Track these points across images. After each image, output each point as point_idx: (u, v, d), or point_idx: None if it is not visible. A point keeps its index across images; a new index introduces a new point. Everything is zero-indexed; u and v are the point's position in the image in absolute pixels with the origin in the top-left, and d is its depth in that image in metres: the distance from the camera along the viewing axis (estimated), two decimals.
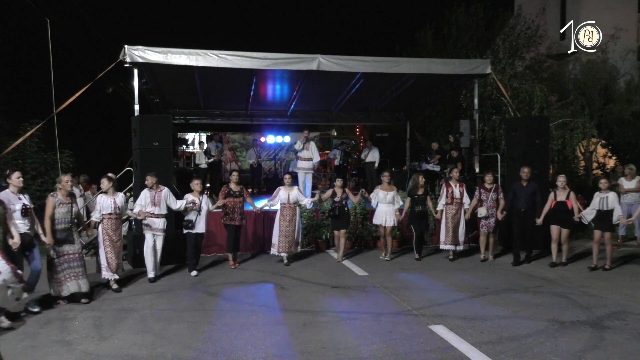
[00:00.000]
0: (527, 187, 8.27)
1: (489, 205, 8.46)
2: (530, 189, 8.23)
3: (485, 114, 14.00)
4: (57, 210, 5.97)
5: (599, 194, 7.71)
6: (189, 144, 16.72)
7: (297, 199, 8.37)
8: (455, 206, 8.54)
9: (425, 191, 8.78)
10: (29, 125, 10.47)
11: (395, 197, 8.62)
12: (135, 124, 8.80)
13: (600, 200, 7.65)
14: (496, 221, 8.51)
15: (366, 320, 5.29)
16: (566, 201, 7.93)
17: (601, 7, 18.76)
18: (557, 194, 8.06)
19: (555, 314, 5.42)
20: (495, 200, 8.47)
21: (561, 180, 8.09)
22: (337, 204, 8.44)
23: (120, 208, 6.82)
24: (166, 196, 7.38)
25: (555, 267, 7.94)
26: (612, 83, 16.61)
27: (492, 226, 8.52)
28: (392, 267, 8.12)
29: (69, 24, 17.98)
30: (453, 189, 8.57)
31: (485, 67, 10.74)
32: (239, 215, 8.15)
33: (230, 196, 8.10)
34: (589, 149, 16.36)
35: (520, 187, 8.34)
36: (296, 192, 8.41)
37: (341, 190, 8.56)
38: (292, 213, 8.30)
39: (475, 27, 18.09)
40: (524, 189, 8.28)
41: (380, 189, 8.71)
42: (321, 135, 18.82)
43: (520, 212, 8.28)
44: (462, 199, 8.55)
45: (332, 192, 8.58)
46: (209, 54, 9.21)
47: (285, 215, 8.28)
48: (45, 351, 4.49)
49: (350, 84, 11.65)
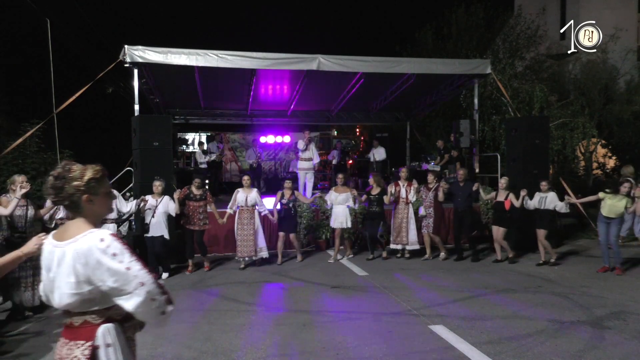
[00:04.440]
0: (464, 187, 8.48)
1: (426, 205, 8.60)
2: (468, 190, 8.45)
3: (485, 114, 13.99)
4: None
5: (539, 193, 8.06)
6: (189, 144, 16.70)
7: (256, 202, 8.11)
8: (403, 206, 8.57)
9: (382, 190, 8.65)
10: (29, 125, 10.44)
11: (348, 198, 8.49)
12: (135, 124, 8.80)
13: (540, 199, 8.01)
14: (435, 221, 8.67)
15: (366, 320, 5.29)
16: (504, 201, 8.19)
17: (601, 7, 18.77)
18: (497, 194, 8.34)
19: (555, 314, 5.42)
20: (432, 200, 8.62)
21: (502, 182, 8.38)
22: (284, 205, 8.27)
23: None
24: (115, 199, 7.01)
25: (512, 264, 8.12)
26: (612, 83, 16.60)
27: (431, 226, 8.61)
28: (392, 267, 8.12)
29: (69, 24, 17.98)
30: (401, 188, 8.58)
31: (485, 67, 10.75)
32: (200, 220, 7.80)
33: (190, 199, 7.78)
34: (589, 149, 16.35)
35: (458, 187, 8.56)
36: (255, 195, 8.10)
37: (290, 191, 8.36)
38: (250, 216, 8.03)
39: (475, 27, 18.10)
40: (461, 189, 8.50)
41: (334, 191, 8.58)
42: (321, 135, 18.80)
43: (457, 211, 8.54)
44: (408, 198, 8.56)
45: (281, 194, 8.38)
46: (209, 54, 9.22)
47: (243, 219, 8.02)
48: (45, 351, 4.50)
49: (350, 84, 11.66)
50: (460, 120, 11.27)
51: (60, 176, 1.96)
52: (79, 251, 1.88)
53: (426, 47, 18.71)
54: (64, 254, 1.91)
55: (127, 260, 1.89)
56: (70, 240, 1.92)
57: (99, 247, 1.88)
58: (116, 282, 1.87)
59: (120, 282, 1.87)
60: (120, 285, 1.87)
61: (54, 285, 1.94)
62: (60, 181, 1.95)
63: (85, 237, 1.91)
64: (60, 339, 1.98)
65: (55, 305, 1.95)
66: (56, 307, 1.96)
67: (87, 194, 1.98)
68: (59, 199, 1.98)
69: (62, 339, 1.97)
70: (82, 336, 1.92)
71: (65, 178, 1.96)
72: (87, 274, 1.88)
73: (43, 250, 2.03)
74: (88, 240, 1.90)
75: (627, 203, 7.22)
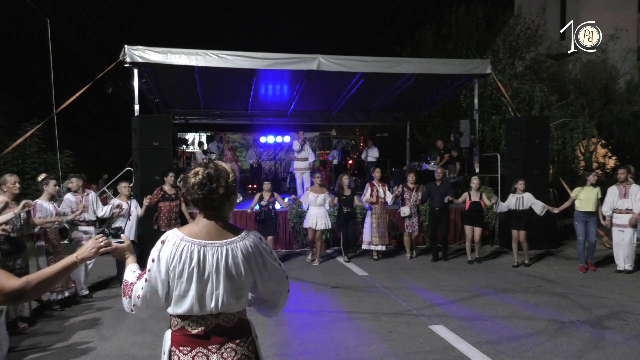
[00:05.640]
0: (440, 187, 8.52)
1: (411, 205, 8.60)
2: (444, 189, 8.47)
3: (485, 114, 14.00)
4: None
5: (514, 194, 8.01)
6: (189, 144, 16.71)
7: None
8: (380, 206, 8.53)
9: (353, 191, 8.62)
10: (29, 125, 10.46)
11: (326, 199, 8.41)
12: (135, 124, 8.80)
13: (516, 200, 7.96)
14: (419, 220, 8.73)
15: (366, 320, 5.28)
16: (480, 201, 8.23)
17: (601, 7, 18.76)
18: (471, 195, 8.34)
19: (555, 314, 5.41)
20: (416, 200, 8.66)
21: (474, 182, 8.43)
22: (264, 207, 8.12)
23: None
24: (93, 201, 6.66)
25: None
26: (612, 83, 16.61)
27: (416, 226, 8.65)
28: (392, 267, 8.12)
29: (69, 24, 17.99)
30: (377, 189, 8.54)
31: (485, 67, 10.74)
32: (175, 221, 7.40)
33: (165, 200, 7.36)
34: (589, 149, 16.35)
35: (435, 187, 8.57)
36: None
37: (269, 193, 8.23)
38: None
39: (475, 27, 18.10)
40: (438, 188, 8.51)
41: (311, 191, 8.45)
42: (321, 135, 18.81)
43: (434, 211, 8.56)
44: (386, 198, 8.55)
45: (259, 196, 8.22)
46: (209, 54, 9.21)
47: None
48: (45, 351, 4.50)
49: (350, 84, 11.65)
50: (460, 120, 11.27)
51: (213, 176, 1.89)
52: (246, 249, 1.92)
53: (426, 47, 18.71)
54: (226, 252, 1.89)
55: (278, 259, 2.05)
56: (234, 239, 1.92)
57: (261, 245, 1.98)
58: (274, 278, 2.01)
59: (276, 278, 2.02)
60: (278, 281, 2.03)
61: (211, 288, 1.87)
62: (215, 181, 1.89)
63: (249, 236, 1.96)
64: (185, 349, 1.87)
65: (210, 309, 1.87)
66: (209, 311, 1.87)
67: (234, 194, 2.00)
68: (207, 200, 1.91)
69: (201, 348, 1.88)
70: (240, 334, 1.95)
71: (219, 178, 1.90)
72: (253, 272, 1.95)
73: (180, 252, 1.86)
74: (253, 239, 1.96)
75: (598, 192, 7.49)
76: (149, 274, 1.87)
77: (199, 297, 1.85)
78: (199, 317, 1.88)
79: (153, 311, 1.92)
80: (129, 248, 2.08)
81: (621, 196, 7.31)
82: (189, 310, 1.86)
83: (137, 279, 1.91)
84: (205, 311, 1.86)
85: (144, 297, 1.87)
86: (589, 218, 7.52)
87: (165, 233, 1.93)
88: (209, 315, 1.88)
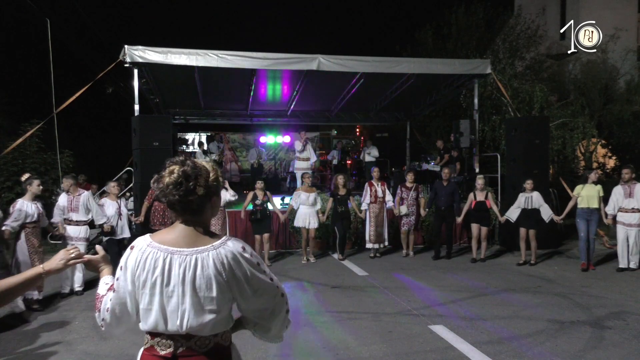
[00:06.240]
0: (447, 187, 8.66)
1: (409, 204, 8.74)
2: (450, 189, 8.62)
3: (485, 114, 13.98)
4: None
5: (523, 193, 8.11)
6: (189, 144, 16.70)
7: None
8: (379, 205, 8.65)
9: (348, 191, 8.70)
10: (29, 125, 10.44)
11: (316, 199, 8.48)
12: (135, 124, 8.80)
13: (525, 199, 8.07)
14: (416, 219, 8.88)
15: (366, 320, 5.28)
16: (485, 201, 8.36)
17: (601, 7, 18.75)
18: (476, 195, 8.45)
19: (555, 314, 5.42)
20: (415, 199, 8.80)
21: (479, 182, 8.52)
22: (259, 207, 8.14)
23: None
24: (84, 202, 6.61)
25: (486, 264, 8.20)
26: (612, 83, 16.59)
27: (412, 224, 8.82)
28: (392, 267, 8.12)
29: (69, 24, 17.99)
30: (376, 188, 8.65)
31: (485, 67, 10.74)
32: (170, 220, 7.23)
33: (159, 199, 7.47)
34: (589, 149, 16.34)
35: (441, 186, 8.71)
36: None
37: (262, 192, 8.25)
38: None
39: (475, 27, 18.09)
40: (444, 188, 8.67)
41: (302, 191, 8.50)
42: (321, 135, 18.81)
43: (440, 210, 8.70)
44: (385, 198, 8.68)
45: (253, 195, 8.21)
46: (209, 54, 9.21)
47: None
48: (45, 351, 4.49)
49: (350, 84, 11.65)
50: (460, 120, 11.26)
51: (191, 175, 1.66)
52: (220, 259, 1.64)
53: (426, 47, 18.69)
54: (195, 262, 1.63)
55: (268, 271, 1.75)
56: (206, 247, 1.66)
57: (243, 255, 1.68)
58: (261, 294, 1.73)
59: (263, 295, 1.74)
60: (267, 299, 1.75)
61: (175, 303, 1.63)
62: (191, 181, 1.66)
63: (226, 244, 1.68)
64: None
65: (175, 327, 1.63)
66: (175, 329, 1.63)
67: (216, 195, 1.76)
68: (184, 202, 1.67)
69: None
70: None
71: (198, 176, 1.67)
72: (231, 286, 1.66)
73: (144, 259, 1.64)
74: (231, 247, 1.67)
75: (600, 190, 7.62)
76: (117, 283, 1.70)
77: (163, 311, 1.65)
78: (167, 336, 1.67)
79: (125, 328, 1.75)
80: (103, 259, 1.89)
81: (626, 196, 7.40)
82: (153, 326, 1.66)
83: (107, 291, 1.75)
84: (172, 329, 1.65)
85: (112, 310, 1.70)
86: (591, 216, 7.59)
87: (137, 238, 1.74)
88: (179, 336, 1.66)
